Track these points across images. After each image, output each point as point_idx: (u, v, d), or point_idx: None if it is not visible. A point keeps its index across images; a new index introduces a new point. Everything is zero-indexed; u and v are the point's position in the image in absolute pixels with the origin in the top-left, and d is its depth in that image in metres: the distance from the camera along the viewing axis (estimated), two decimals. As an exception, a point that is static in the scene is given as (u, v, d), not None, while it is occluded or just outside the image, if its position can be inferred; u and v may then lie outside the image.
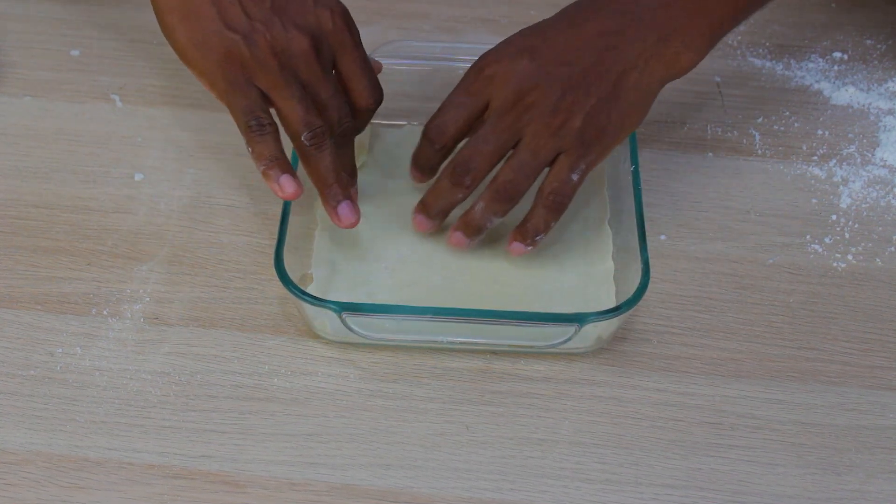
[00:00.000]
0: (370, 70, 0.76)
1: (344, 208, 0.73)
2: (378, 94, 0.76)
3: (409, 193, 0.81)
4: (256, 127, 0.71)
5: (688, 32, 0.73)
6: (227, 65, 0.71)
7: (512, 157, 0.73)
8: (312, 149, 0.72)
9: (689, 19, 0.73)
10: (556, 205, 0.73)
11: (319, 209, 0.79)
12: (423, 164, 0.77)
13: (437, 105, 0.81)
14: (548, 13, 0.97)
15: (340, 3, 0.75)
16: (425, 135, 0.76)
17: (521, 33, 0.76)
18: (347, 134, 0.74)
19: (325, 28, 0.73)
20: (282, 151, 0.72)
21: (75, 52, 0.93)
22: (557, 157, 0.73)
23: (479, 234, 0.75)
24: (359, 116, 0.76)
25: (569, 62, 0.73)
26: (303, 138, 0.72)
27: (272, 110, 0.73)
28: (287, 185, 0.72)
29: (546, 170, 0.74)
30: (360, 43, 0.76)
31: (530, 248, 0.75)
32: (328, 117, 0.73)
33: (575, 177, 0.73)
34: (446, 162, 0.76)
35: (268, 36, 0.71)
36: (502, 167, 0.74)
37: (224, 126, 0.87)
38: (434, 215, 0.76)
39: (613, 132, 0.74)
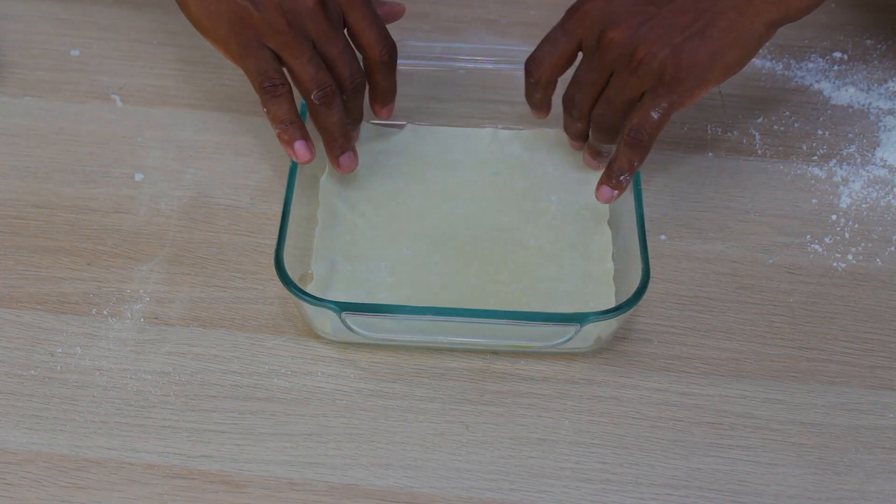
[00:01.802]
0: (378, 23, 0.77)
1: (346, 158, 0.78)
2: (388, 46, 0.78)
3: (409, 193, 0.81)
4: (270, 88, 0.74)
5: None
6: (238, 29, 0.74)
7: (603, 92, 0.76)
8: (322, 107, 0.75)
9: None
10: (636, 142, 0.74)
11: (319, 208, 0.79)
12: (528, 98, 0.80)
13: (437, 105, 0.81)
14: (548, 13, 0.97)
15: None
16: (525, 69, 0.79)
17: None
18: (360, 89, 0.77)
19: None
20: (296, 113, 0.76)
21: (75, 52, 0.93)
22: (643, 95, 0.74)
23: (598, 156, 0.80)
24: (376, 70, 0.78)
25: (662, 0, 0.73)
26: (313, 97, 0.75)
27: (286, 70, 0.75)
28: (301, 151, 0.75)
29: None
30: (368, 1, 0.77)
31: (617, 192, 0.76)
32: (338, 74, 0.76)
33: (655, 115, 0.73)
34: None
35: None
36: (598, 101, 0.76)
37: (224, 126, 0.87)
38: (574, 139, 0.81)
39: (700, 72, 0.72)
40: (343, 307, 0.69)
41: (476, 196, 0.81)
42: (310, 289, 0.73)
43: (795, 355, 0.73)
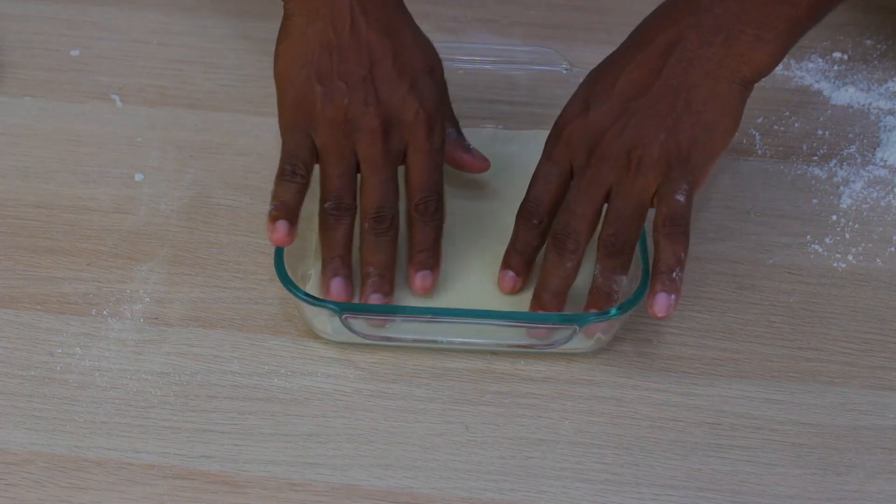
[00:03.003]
0: (432, 173, 0.73)
1: (335, 284, 0.72)
2: (429, 199, 0.73)
3: (409, 193, 0.81)
4: (289, 172, 0.71)
5: (760, 24, 0.69)
6: (297, 107, 0.72)
7: (607, 211, 0.70)
8: (330, 218, 0.72)
9: (759, 9, 0.69)
10: (677, 232, 0.69)
11: (320, 208, 0.79)
12: (523, 249, 0.73)
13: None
14: (548, 14, 0.97)
15: (436, 98, 0.73)
16: (521, 216, 0.73)
17: (587, 79, 0.73)
18: (381, 223, 0.72)
19: (404, 117, 0.72)
20: (297, 204, 0.71)
21: (75, 52, 0.93)
22: (658, 189, 0.69)
23: (613, 300, 0.70)
24: (410, 220, 0.73)
25: (635, 95, 0.70)
26: (325, 206, 0.72)
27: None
28: (280, 228, 0.70)
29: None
30: (438, 147, 0.73)
31: (675, 297, 0.68)
32: (366, 201, 0.72)
33: (682, 198, 0.69)
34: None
35: (346, 101, 0.71)
36: (605, 222, 0.70)
37: (224, 126, 0.87)
38: (550, 299, 0.71)
39: (703, 146, 0.70)
40: (343, 307, 0.69)
41: (476, 196, 0.81)
42: (309, 289, 0.73)
43: (795, 355, 0.73)
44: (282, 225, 0.70)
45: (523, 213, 0.73)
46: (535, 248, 0.73)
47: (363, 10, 0.73)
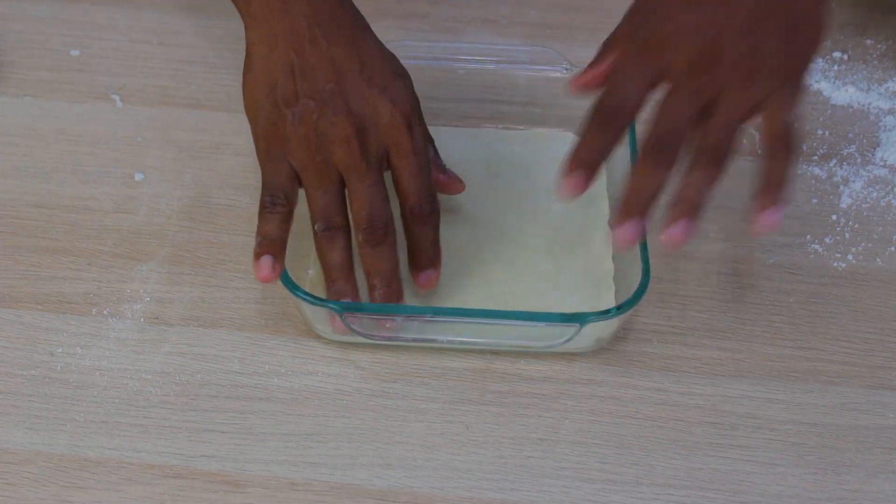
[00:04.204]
0: (423, 175, 0.71)
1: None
2: (425, 200, 0.71)
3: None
4: (269, 204, 0.70)
5: None
6: (270, 135, 0.71)
7: (714, 116, 0.66)
8: (324, 241, 0.71)
9: None
10: (789, 147, 0.66)
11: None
12: (595, 155, 0.66)
13: (437, 105, 0.80)
14: (548, 14, 0.97)
15: (410, 100, 0.72)
16: (597, 118, 0.66)
17: None
18: (376, 232, 0.71)
19: (379, 120, 0.70)
20: (281, 235, 0.70)
21: (75, 52, 0.93)
22: (765, 102, 0.66)
23: (701, 214, 0.66)
24: (408, 224, 0.72)
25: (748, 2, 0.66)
26: (315, 227, 0.71)
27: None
28: (264, 266, 0.69)
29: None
30: (421, 147, 0.72)
31: (781, 212, 0.66)
32: (356, 210, 0.70)
33: (792, 113, 0.66)
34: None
35: (314, 116, 0.70)
36: (708, 129, 0.66)
37: (224, 126, 0.87)
38: (641, 212, 0.65)
39: (809, 60, 0.67)
40: (344, 307, 0.69)
41: (476, 196, 0.81)
42: (309, 289, 0.73)
43: (795, 355, 0.74)
44: (265, 261, 0.69)
45: (601, 114, 0.66)
46: (605, 158, 0.66)
47: (323, 29, 0.71)
